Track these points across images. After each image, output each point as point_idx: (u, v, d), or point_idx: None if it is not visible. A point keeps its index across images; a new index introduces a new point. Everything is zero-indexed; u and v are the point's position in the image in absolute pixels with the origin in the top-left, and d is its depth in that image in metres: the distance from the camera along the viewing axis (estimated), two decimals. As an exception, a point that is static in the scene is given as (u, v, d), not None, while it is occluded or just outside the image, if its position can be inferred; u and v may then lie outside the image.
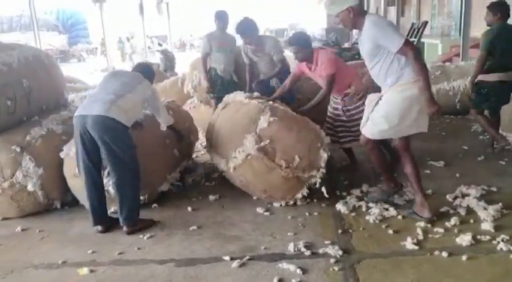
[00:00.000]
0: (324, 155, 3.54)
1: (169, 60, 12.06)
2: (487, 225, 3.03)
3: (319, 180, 3.53)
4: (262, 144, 3.48)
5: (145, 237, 3.23)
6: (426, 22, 12.85)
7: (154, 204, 3.79)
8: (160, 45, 18.00)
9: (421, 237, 2.97)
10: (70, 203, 3.81)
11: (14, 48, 4.05)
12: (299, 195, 3.59)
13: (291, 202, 3.63)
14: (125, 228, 3.27)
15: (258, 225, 3.31)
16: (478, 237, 2.89)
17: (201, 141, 5.43)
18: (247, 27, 4.84)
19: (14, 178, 3.59)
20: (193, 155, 4.94)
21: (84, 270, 2.80)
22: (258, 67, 5.16)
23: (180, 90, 6.56)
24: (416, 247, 2.84)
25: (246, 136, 3.55)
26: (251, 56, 5.11)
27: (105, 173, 3.39)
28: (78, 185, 3.46)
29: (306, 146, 3.54)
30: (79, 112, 3.23)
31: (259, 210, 3.55)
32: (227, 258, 2.84)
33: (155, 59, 15.91)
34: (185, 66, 5.02)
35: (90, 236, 3.31)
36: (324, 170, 3.53)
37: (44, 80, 4.15)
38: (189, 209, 3.68)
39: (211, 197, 3.88)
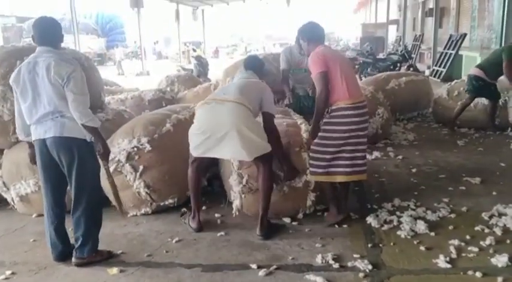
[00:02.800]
0: (306, 156, 3.45)
1: (202, 66, 12.25)
2: (525, 247, 2.91)
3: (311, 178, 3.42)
4: (243, 182, 3.46)
5: (173, 241, 3.26)
6: (465, 34, 12.57)
7: (183, 209, 3.84)
8: (194, 51, 18.31)
9: (454, 255, 2.87)
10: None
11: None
12: (309, 202, 3.52)
13: (318, 213, 3.60)
14: (73, 259, 2.97)
15: (285, 235, 3.28)
16: (516, 258, 2.77)
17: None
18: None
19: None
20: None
21: (114, 270, 2.86)
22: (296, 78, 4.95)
23: (212, 96, 6.62)
24: (449, 265, 2.75)
25: (229, 178, 3.59)
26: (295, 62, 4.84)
27: None
28: (108, 185, 3.53)
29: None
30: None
31: (287, 219, 3.52)
32: (254, 266, 2.83)
33: (189, 64, 16.18)
34: (219, 72, 5.04)
35: (120, 236, 3.38)
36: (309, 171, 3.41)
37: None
38: (217, 215, 3.70)
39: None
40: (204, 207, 3.87)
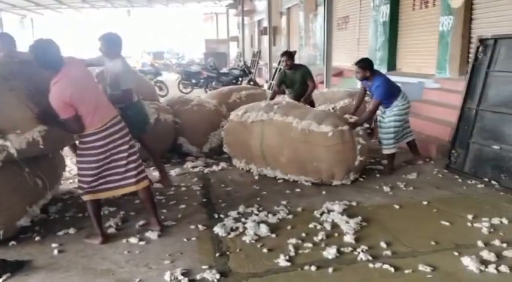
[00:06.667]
0: None
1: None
2: (349, 238, 3.32)
3: None
4: None
5: (0, 280, 2.84)
6: (295, 52, 13.91)
7: (12, 242, 3.38)
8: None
9: (292, 253, 3.13)
10: None
11: None
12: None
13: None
14: None
15: (132, 256, 3.15)
16: (342, 249, 3.15)
17: (69, 168, 5.08)
18: None
19: None
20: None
21: None
22: None
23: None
24: (288, 263, 2.98)
25: None
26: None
27: None
28: None
29: None
30: None
31: (134, 240, 3.39)
32: (98, 294, 2.65)
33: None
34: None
35: None
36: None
37: None
38: (55, 244, 3.36)
39: (74, 230, 3.62)
40: (37, 238, 3.48)
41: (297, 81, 6.10)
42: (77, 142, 3.55)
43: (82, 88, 3.15)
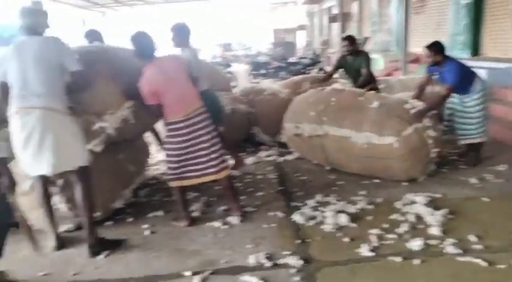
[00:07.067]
0: None
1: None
2: (434, 230, 3.21)
3: None
4: None
5: (101, 256, 3.11)
6: (368, 38, 13.52)
7: (108, 222, 3.68)
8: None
9: (375, 244, 3.09)
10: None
11: None
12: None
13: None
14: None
15: (217, 239, 3.30)
16: (428, 241, 3.05)
17: (153, 156, 5.37)
18: None
19: None
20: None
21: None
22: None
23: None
24: (372, 253, 2.95)
25: None
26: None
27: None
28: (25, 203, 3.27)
29: None
30: None
31: (218, 224, 3.54)
32: (188, 273, 2.81)
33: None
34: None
35: (41, 257, 3.14)
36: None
37: None
38: (145, 225, 3.60)
39: (162, 213, 3.84)
40: (130, 219, 3.75)
41: (355, 68, 5.92)
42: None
43: (169, 80, 3.34)
